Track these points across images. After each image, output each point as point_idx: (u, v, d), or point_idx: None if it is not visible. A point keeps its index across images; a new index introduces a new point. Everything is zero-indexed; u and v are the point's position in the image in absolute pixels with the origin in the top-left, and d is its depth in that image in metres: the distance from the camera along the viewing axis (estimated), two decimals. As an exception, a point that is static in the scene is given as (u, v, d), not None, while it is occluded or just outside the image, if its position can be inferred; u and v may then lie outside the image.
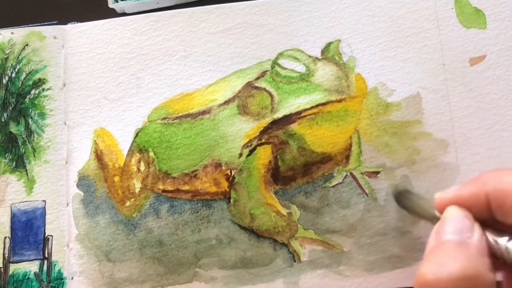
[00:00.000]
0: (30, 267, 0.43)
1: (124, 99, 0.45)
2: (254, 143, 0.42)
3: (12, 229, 0.44)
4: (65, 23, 0.47)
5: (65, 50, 0.46)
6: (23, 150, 0.45)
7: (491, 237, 0.29)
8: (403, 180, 0.42)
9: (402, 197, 0.40)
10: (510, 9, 0.43)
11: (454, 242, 0.29)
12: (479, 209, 0.30)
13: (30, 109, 0.45)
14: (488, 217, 0.30)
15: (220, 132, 0.43)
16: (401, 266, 0.41)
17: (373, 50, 0.44)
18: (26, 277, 0.43)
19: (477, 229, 0.29)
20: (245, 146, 0.42)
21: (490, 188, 0.29)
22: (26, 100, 0.46)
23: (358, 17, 0.45)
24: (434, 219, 0.33)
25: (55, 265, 0.43)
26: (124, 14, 0.48)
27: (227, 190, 0.42)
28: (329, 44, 0.44)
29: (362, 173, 0.42)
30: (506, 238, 0.29)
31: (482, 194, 0.29)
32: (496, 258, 0.29)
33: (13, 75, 0.46)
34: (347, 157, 0.42)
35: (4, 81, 0.46)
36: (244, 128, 0.43)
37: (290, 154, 0.42)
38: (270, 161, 0.42)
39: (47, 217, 0.44)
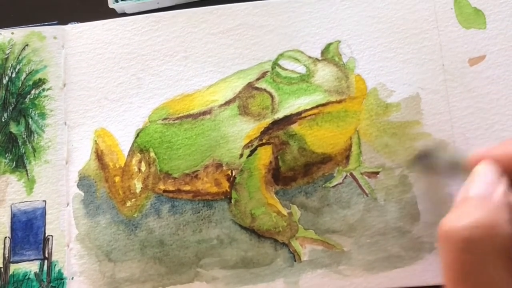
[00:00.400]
0: (30, 267, 0.43)
1: (125, 99, 0.45)
2: (255, 143, 0.42)
3: (12, 229, 0.44)
4: (65, 23, 0.47)
5: (65, 50, 0.46)
6: (23, 150, 0.45)
7: None
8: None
9: (428, 157, 0.40)
10: (510, 9, 0.44)
11: (478, 196, 0.29)
12: (508, 168, 0.30)
13: (30, 109, 0.45)
14: None
15: (221, 133, 0.43)
16: (401, 265, 0.41)
17: (372, 51, 0.44)
18: (26, 277, 0.43)
19: (503, 183, 0.30)
20: (246, 146, 0.43)
21: None
22: (26, 100, 0.46)
23: (358, 18, 0.45)
24: (464, 175, 0.33)
25: (55, 265, 0.43)
26: (124, 14, 0.49)
27: (228, 190, 0.42)
28: (329, 45, 0.45)
29: (362, 173, 0.42)
30: None
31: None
32: None
33: (13, 75, 0.46)
34: (347, 158, 0.42)
35: (4, 81, 0.46)
36: (245, 129, 0.43)
37: (290, 155, 0.42)
38: (270, 162, 0.42)
39: (47, 217, 0.44)
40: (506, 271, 0.28)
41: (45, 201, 0.44)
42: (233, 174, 0.42)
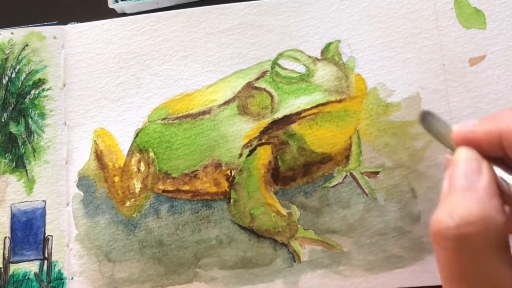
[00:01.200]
0: (30, 267, 0.43)
1: (124, 99, 0.45)
2: (254, 143, 0.42)
3: (12, 229, 0.44)
4: (65, 23, 0.47)
5: (65, 50, 0.46)
6: (23, 150, 0.45)
7: (500, 174, 0.29)
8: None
9: (426, 119, 0.40)
10: (510, 9, 0.44)
11: (463, 187, 0.29)
12: (493, 146, 0.30)
13: (30, 109, 0.45)
14: (501, 154, 0.30)
15: (220, 132, 0.43)
16: (401, 266, 0.41)
17: (372, 50, 0.44)
18: (26, 277, 0.43)
19: (485, 170, 0.30)
20: (245, 146, 0.42)
21: (504, 125, 0.29)
22: (26, 100, 0.46)
23: (357, 18, 0.45)
24: (451, 148, 0.33)
25: (55, 265, 0.43)
26: (124, 14, 0.49)
27: (227, 190, 0.42)
28: (329, 44, 0.44)
29: (362, 173, 0.42)
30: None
31: (496, 131, 0.30)
32: (505, 196, 0.29)
33: (13, 75, 0.46)
34: (347, 157, 0.42)
35: (4, 81, 0.46)
36: (244, 128, 0.43)
37: (290, 154, 0.42)
38: (270, 161, 0.42)
39: (47, 217, 0.44)
40: (503, 262, 0.27)
41: (44, 201, 0.44)
42: (232, 174, 0.42)
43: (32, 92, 0.46)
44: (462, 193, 0.29)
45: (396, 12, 0.44)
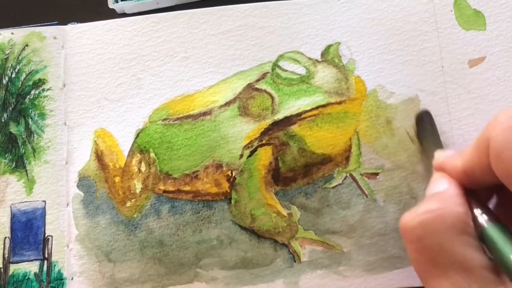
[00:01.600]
0: (30, 267, 0.43)
1: (125, 99, 0.45)
2: (255, 144, 0.43)
3: (12, 229, 0.44)
4: (65, 23, 0.47)
5: (65, 51, 0.46)
6: (23, 151, 0.45)
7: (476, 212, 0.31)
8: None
9: (422, 123, 0.41)
10: (510, 11, 0.44)
11: (432, 193, 0.32)
12: (461, 178, 0.32)
13: (30, 110, 0.45)
14: (473, 185, 0.32)
15: (221, 133, 0.43)
16: (401, 266, 0.41)
17: (372, 52, 0.44)
18: (26, 277, 0.43)
19: (448, 181, 0.32)
20: (246, 147, 0.43)
21: (466, 162, 0.32)
22: (26, 100, 0.46)
23: (357, 20, 0.45)
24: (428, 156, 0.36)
25: (55, 265, 0.43)
26: (124, 14, 0.49)
27: (228, 191, 0.42)
28: (329, 46, 0.45)
29: (361, 174, 0.42)
30: (486, 218, 0.30)
31: (459, 168, 0.32)
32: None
33: (13, 75, 0.46)
34: (347, 159, 0.42)
35: (4, 82, 0.46)
36: (245, 129, 0.43)
37: (290, 155, 0.42)
38: (270, 162, 0.42)
39: (47, 218, 0.44)
40: (467, 245, 0.29)
41: (45, 201, 0.44)
42: (233, 174, 0.42)
43: (32, 92, 0.46)
44: (427, 198, 0.32)
45: (396, 15, 0.45)
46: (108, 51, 0.46)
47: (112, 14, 0.48)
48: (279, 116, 0.43)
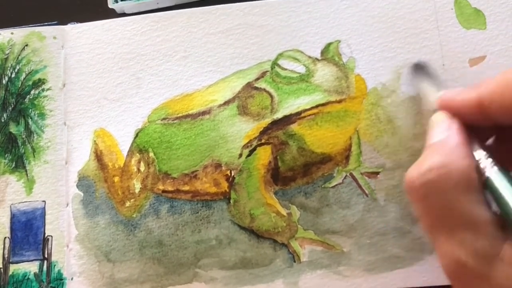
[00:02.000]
0: (30, 267, 0.43)
1: (124, 99, 0.45)
2: (254, 143, 0.42)
3: (12, 229, 0.44)
4: (65, 23, 0.47)
5: (65, 51, 0.46)
6: (23, 151, 0.45)
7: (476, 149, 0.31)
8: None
9: (417, 72, 0.41)
10: (510, 10, 0.43)
11: (432, 144, 0.31)
12: (472, 113, 0.31)
13: (30, 109, 0.45)
14: (483, 121, 0.31)
15: (220, 133, 0.43)
16: (401, 266, 0.41)
17: (372, 51, 0.44)
18: (26, 277, 0.43)
19: (453, 126, 0.31)
20: (245, 146, 0.42)
21: (483, 91, 0.31)
22: (26, 100, 0.46)
23: (357, 18, 0.45)
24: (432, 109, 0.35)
25: (54, 265, 0.43)
26: (124, 14, 0.49)
27: (227, 190, 0.42)
28: (329, 44, 0.44)
29: (362, 174, 0.42)
30: (485, 153, 0.30)
31: (475, 99, 0.31)
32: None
33: (13, 75, 0.46)
34: (347, 158, 0.42)
35: (4, 81, 0.46)
36: (244, 129, 0.43)
37: (290, 155, 0.42)
38: (270, 162, 0.42)
39: (47, 218, 0.44)
40: (474, 202, 0.29)
41: (44, 201, 0.44)
42: (232, 174, 0.42)
43: (32, 92, 0.46)
44: (430, 149, 0.31)
45: (396, 13, 0.44)
46: (108, 51, 0.46)
47: (112, 14, 0.48)
48: (279, 115, 0.43)
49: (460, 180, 0.29)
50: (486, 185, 0.29)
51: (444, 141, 0.31)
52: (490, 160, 0.30)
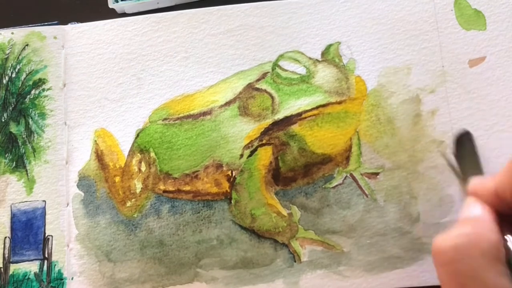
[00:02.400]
0: (30, 267, 0.43)
1: (125, 99, 0.45)
2: (255, 144, 0.43)
3: (12, 229, 0.44)
4: (65, 23, 0.47)
5: (65, 50, 0.46)
6: (23, 150, 0.45)
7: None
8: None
9: (461, 144, 0.41)
10: (510, 10, 0.44)
11: (465, 217, 0.32)
12: (493, 200, 0.32)
13: (30, 109, 0.45)
14: (505, 208, 0.32)
15: (221, 133, 0.43)
16: (401, 266, 0.41)
17: (372, 52, 0.44)
18: (26, 277, 0.43)
19: (483, 207, 0.32)
20: (246, 147, 0.43)
21: (497, 183, 0.32)
22: (26, 100, 0.46)
23: (358, 20, 0.45)
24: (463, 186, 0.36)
25: (55, 265, 0.43)
26: (124, 14, 0.49)
27: (228, 190, 0.42)
28: (329, 46, 0.45)
29: (362, 174, 0.42)
30: None
31: (491, 190, 0.32)
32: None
33: (13, 75, 0.46)
34: (347, 158, 0.42)
35: (4, 81, 0.46)
36: (245, 129, 0.43)
37: (290, 155, 0.42)
38: (270, 162, 0.42)
39: (47, 217, 0.44)
40: (499, 273, 0.28)
41: (45, 201, 0.44)
42: (233, 174, 0.42)
43: (32, 92, 0.46)
44: (461, 222, 0.32)
45: (396, 14, 0.45)
46: (108, 51, 0.46)
47: (112, 14, 0.48)
48: (279, 116, 0.43)
49: (489, 249, 0.29)
50: (509, 261, 0.29)
51: (475, 216, 0.32)
52: None
